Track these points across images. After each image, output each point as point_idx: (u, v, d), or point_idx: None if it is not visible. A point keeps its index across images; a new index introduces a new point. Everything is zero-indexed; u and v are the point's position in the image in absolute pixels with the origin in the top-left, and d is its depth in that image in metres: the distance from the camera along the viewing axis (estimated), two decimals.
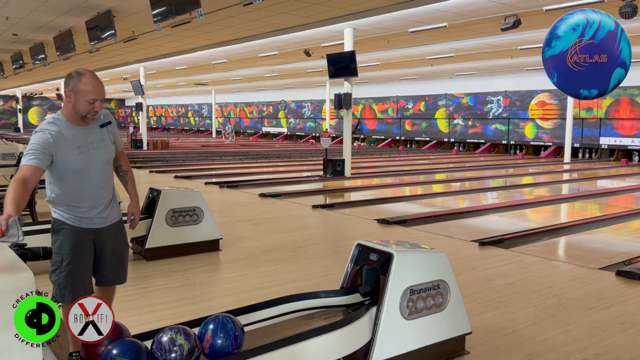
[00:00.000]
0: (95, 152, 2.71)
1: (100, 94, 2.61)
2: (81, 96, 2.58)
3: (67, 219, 2.74)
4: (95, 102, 2.60)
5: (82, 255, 2.73)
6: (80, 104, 2.60)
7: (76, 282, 2.71)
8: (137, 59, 20.23)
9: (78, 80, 2.58)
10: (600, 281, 4.80)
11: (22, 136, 33.58)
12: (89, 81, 2.58)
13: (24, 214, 7.36)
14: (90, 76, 2.61)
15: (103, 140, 2.75)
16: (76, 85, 2.58)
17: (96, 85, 2.60)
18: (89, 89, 2.58)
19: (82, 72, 2.62)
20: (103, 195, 2.80)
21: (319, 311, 3.07)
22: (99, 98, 2.61)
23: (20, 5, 11.30)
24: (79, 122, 2.67)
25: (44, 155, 2.55)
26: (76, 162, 2.65)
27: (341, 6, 10.84)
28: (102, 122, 2.77)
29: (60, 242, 2.73)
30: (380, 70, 22.86)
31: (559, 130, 21.42)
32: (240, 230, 6.84)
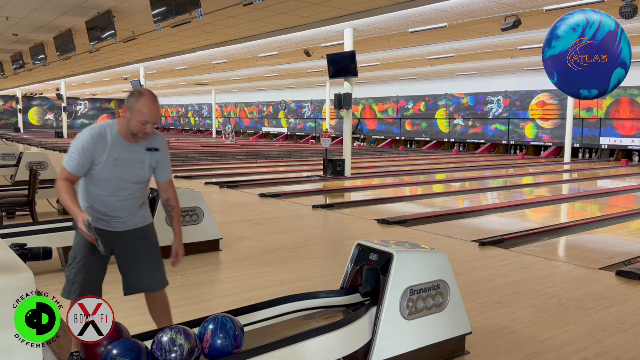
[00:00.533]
0: (128, 169, 2.75)
1: (153, 118, 2.67)
2: (135, 115, 2.65)
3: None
4: (147, 123, 2.67)
5: (94, 254, 2.75)
6: (133, 122, 2.66)
7: (82, 282, 2.74)
8: (137, 59, 20.23)
9: (137, 100, 2.66)
10: (600, 281, 4.80)
11: (22, 136, 33.59)
12: (145, 103, 2.65)
13: (24, 214, 7.36)
14: (149, 98, 2.67)
15: (142, 162, 2.79)
16: (134, 104, 2.65)
17: (152, 108, 2.66)
18: (144, 110, 2.64)
19: (143, 92, 2.69)
20: (124, 210, 2.83)
21: (319, 311, 3.06)
22: (152, 121, 2.67)
23: (20, 5, 11.30)
24: (128, 138, 2.73)
25: (85, 161, 2.66)
26: (106, 171, 2.70)
27: (341, 6, 10.84)
28: (150, 145, 2.80)
29: (77, 239, 2.79)
30: (380, 70, 22.86)
31: (559, 130, 21.42)
32: (240, 230, 6.84)
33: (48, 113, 48.16)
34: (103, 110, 51.72)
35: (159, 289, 2.96)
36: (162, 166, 2.87)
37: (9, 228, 4.93)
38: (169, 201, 2.97)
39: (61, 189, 2.61)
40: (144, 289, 2.93)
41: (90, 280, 2.78)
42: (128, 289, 2.91)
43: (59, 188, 2.63)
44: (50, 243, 4.71)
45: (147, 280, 2.91)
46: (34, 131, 42.80)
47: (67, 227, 5.07)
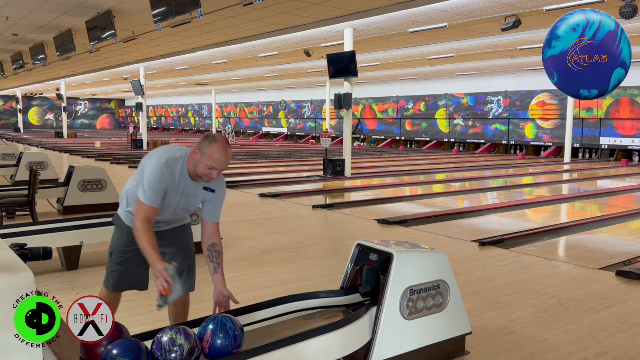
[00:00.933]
0: (185, 201, 2.85)
1: (220, 165, 2.69)
2: (204, 159, 2.67)
3: (125, 219, 2.91)
4: (213, 169, 2.68)
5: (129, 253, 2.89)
6: (200, 165, 2.68)
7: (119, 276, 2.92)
8: (137, 59, 20.23)
9: (209, 144, 2.67)
10: (600, 281, 4.80)
11: (22, 136, 33.59)
12: (216, 149, 2.65)
13: (24, 214, 7.36)
14: (220, 146, 2.67)
15: (197, 197, 2.86)
16: (205, 148, 2.67)
17: (221, 156, 2.67)
18: (214, 156, 2.66)
19: (216, 138, 2.70)
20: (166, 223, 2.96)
21: (319, 311, 3.06)
22: (219, 168, 2.69)
23: (20, 5, 11.30)
24: (194, 177, 2.78)
25: (161, 193, 2.72)
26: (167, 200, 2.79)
27: (341, 6, 10.84)
28: (208, 185, 2.84)
29: (114, 235, 2.96)
30: (380, 70, 22.86)
31: (559, 130, 21.42)
32: (240, 230, 6.84)
33: (48, 113, 48.17)
34: (103, 110, 51.75)
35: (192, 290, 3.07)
36: (214, 206, 2.91)
37: (9, 228, 4.93)
38: (215, 247, 2.93)
39: (142, 231, 2.63)
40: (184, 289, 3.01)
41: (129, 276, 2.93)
42: None
43: (139, 230, 2.64)
44: (50, 243, 4.71)
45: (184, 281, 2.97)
46: (34, 131, 42.80)
47: (67, 227, 5.08)
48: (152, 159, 2.73)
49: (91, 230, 5.08)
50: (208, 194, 2.85)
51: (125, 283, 2.95)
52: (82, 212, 7.29)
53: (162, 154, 2.74)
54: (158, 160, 2.71)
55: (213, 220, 2.92)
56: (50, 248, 2.49)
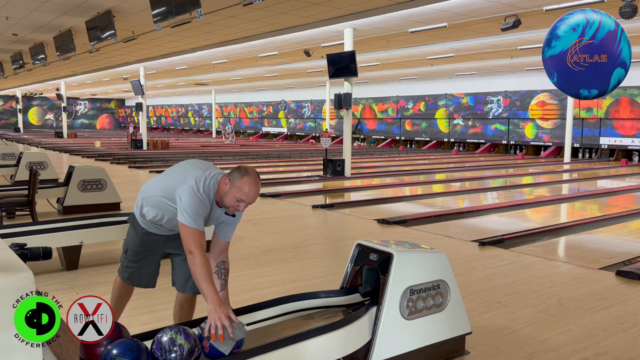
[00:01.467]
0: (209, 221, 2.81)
1: (250, 199, 2.65)
2: (234, 191, 2.63)
3: (140, 221, 2.95)
4: (242, 202, 2.65)
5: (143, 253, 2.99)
6: (229, 196, 2.64)
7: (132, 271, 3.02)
8: (137, 59, 20.23)
9: (240, 177, 2.64)
10: (600, 281, 4.80)
11: (22, 136, 33.59)
12: (247, 182, 2.63)
13: (24, 214, 7.36)
14: (252, 179, 2.65)
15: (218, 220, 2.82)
16: (236, 180, 2.63)
17: (252, 189, 2.64)
18: (245, 189, 2.62)
19: (249, 172, 2.67)
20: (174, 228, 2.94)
21: (319, 311, 3.06)
22: (248, 201, 2.66)
23: (20, 5, 11.30)
24: (220, 205, 2.74)
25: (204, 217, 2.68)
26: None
27: (341, 6, 10.84)
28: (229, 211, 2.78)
29: (129, 233, 3.03)
30: (380, 70, 22.86)
31: (559, 130, 21.42)
32: (240, 230, 6.83)
33: (48, 113, 48.16)
34: (103, 110, 51.75)
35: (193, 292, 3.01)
36: (230, 227, 2.86)
37: (9, 228, 4.93)
38: (224, 264, 2.86)
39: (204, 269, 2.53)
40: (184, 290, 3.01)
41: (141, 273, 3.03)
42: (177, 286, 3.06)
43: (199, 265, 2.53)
44: (50, 243, 4.71)
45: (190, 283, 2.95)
46: (34, 131, 42.80)
47: (67, 227, 5.07)
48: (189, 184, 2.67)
49: (91, 230, 5.07)
50: (228, 217, 2.81)
51: (138, 279, 3.04)
52: (82, 212, 7.30)
53: (199, 178, 2.69)
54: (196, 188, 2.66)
55: (226, 240, 2.86)
56: (50, 248, 2.49)
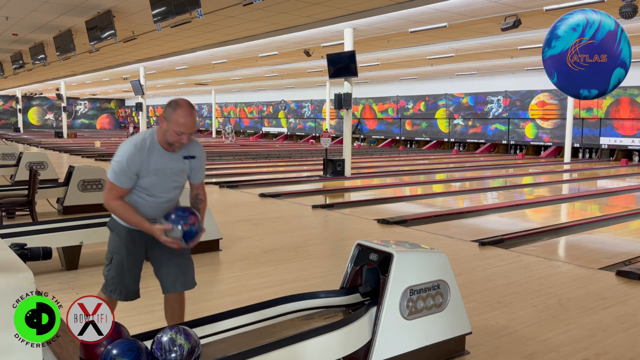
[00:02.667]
0: (168, 178, 2.84)
1: (189, 129, 2.72)
2: (172, 126, 2.69)
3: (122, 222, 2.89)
4: (182, 134, 2.72)
5: (129, 257, 2.89)
6: (169, 132, 2.71)
7: (120, 283, 2.89)
8: (137, 59, 20.23)
9: (173, 111, 2.70)
10: (600, 281, 4.80)
11: (22, 136, 33.59)
12: (181, 114, 2.69)
13: (24, 214, 7.36)
14: (185, 110, 2.71)
15: (182, 170, 2.88)
16: (170, 114, 2.70)
17: (187, 120, 2.70)
18: (180, 121, 2.69)
19: (180, 104, 2.73)
20: (160, 212, 2.90)
21: (319, 311, 3.06)
22: (187, 132, 2.72)
23: (20, 5, 11.30)
24: (166, 147, 2.79)
25: (131, 174, 2.73)
26: (148, 181, 2.79)
27: (341, 6, 10.84)
28: (187, 154, 2.87)
29: (112, 240, 2.93)
30: (380, 70, 22.86)
31: (559, 130, 21.43)
32: (240, 230, 6.84)
33: (48, 113, 48.16)
34: (103, 110, 51.73)
35: (191, 287, 3.05)
36: (198, 171, 2.97)
37: (9, 228, 4.93)
38: (198, 195, 3.03)
39: (121, 209, 2.72)
40: (174, 289, 2.99)
41: (125, 280, 2.90)
42: (164, 288, 3.01)
43: (116, 209, 2.73)
44: (50, 243, 4.71)
45: (180, 279, 2.99)
46: (34, 131, 42.80)
47: (67, 227, 5.07)
48: (125, 144, 2.77)
49: (91, 230, 5.07)
50: (191, 161, 2.88)
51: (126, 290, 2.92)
52: (82, 212, 7.29)
53: (134, 138, 2.79)
54: (129, 144, 2.75)
55: (198, 182, 3.00)
56: (50, 248, 2.49)
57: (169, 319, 3.08)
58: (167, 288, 2.98)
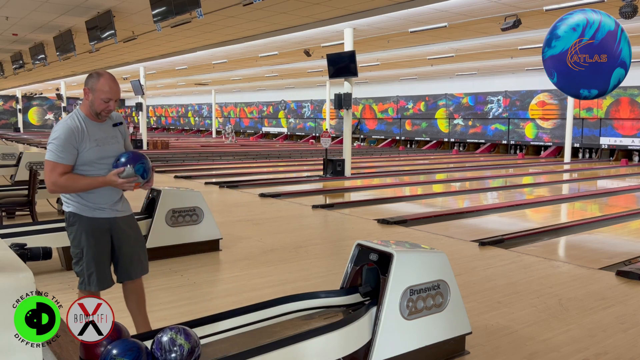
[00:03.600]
0: (109, 147, 2.93)
1: (114, 94, 2.85)
2: (98, 95, 2.82)
3: (82, 210, 2.91)
4: (109, 101, 2.85)
5: (99, 245, 2.93)
6: (96, 102, 2.84)
7: (97, 271, 2.92)
8: (137, 59, 20.24)
9: (97, 80, 2.83)
10: (600, 281, 4.80)
11: (22, 136, 33.59)
12: (105, 82, 2.83)
13: (24, 214, 7.36)
14: (108, 77, 2.85)
15: (115, 137, 2.99)
16: (94, 84, 2.83)
17: (112, 86, 2.84)
18: (106, 89, 2.82)
19: (101, 73, 2.87)
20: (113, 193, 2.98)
21: (319, 311, 3.06)
22: (113, 98, 2.85)
23: (20, 5, 11.30)
24: (95, 119, 2.91)
25: (72, 150, 2.81)
26: (92, 153, 2.87)
27: (341, 6, 10.84)
28: (114, 122, 3.01)
29: (76, 234, 2.92)
30: (380, 70, 22.85)
31: (559, 130, 21.42)
32: (240, 230, 6.84)
33: (48, 113, 48.14)
34: None
35: (145, 273, 3.14)
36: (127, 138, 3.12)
37: (9, 228, 4.93)
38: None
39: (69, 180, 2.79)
40: (134, 276, 3.07)
41: (103, 270, 2.94)
42: (121, 276, 3.06)
43: (65, 183, 2.78)
44: (50, 243, 4.71)
45: (138, 267, 3.08)
46: (34, 131, 42.79)
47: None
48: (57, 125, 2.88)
49: None
50: (120, 127, 3.03)
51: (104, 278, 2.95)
52: None
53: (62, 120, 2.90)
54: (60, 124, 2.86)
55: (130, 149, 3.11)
56: (50, 248, 2.49)
57: (134, 306, 3.13)
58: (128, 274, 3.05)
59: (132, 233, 3.07)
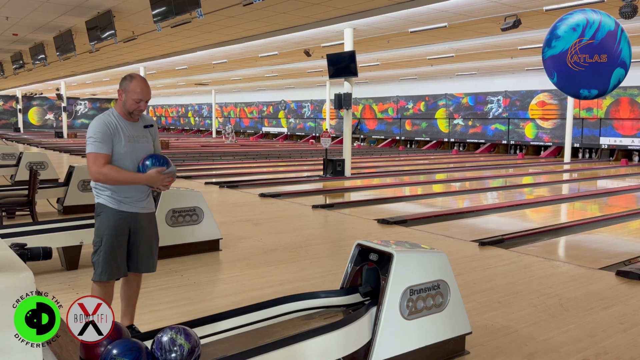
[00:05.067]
0: (140, 144, 3.14)
1: (145, 96, 3.08)
2: (130, 95, 3.05)
3: (109, 202, 3.09)
4: (140, 101, 3.07)
5: (118, 237, 3.09)
6: (129, 102, 3.07)
7: (111, 262, 3.08)
8: (137, 59, 20.23)
9: (129, 83, 3.06)
10: (600, 281, 4.80)
11: (22, 136, 33.59)
12: (137, 84, 3.06)
13: (24, 214, 7.36)
14: (139, 80, 3.08)
15: (146, 137, 3.21)
16: (127, 86, 3.06)
17: (143, 87, 3.08)
18: (137, 90, 3.06)
19: (134, 76, 3.10)
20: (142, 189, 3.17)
21: (319, 311, 3.06)
22: (144, 99, 3.08)
23: (20, 5, 11.30)
24: (128, 118, 3.13)
25: (109, 141, 3.02)
26: (124, 147, 3.06)
27: (341, 6, 10.84)
28: (146, 123, 3.24)
29: (101, 222, 3.11)
30: (380, 70, 22.85)
31: (559, 130, 21.43)
32: (240, 230, 6.84)
33: (48, 113, 48.14)
34: (103, 110, 51.50)
35: (153, 270, 3.30)
36: (156, 139, 3.33)
37: (9, 228, 4.94)
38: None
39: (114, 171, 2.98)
40: (143, 270, 3.25)
41: (116, 262, 3.10)
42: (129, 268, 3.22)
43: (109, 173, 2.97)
44: (50, 243, 4.71)
45: (148, 263, 3.25)
46: (34, 131, 42.79)
47: (67, 227, 5.07)
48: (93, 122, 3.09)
49: (91, 230, 5.00)
50: (150, 129, 3.25)
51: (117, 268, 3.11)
52: (82, 212, 7.29)
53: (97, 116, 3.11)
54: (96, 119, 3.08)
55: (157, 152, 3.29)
56: (50, 248, 2.49)
57: (126, 299, 3.32)
58: (137, 269, 3.22)
59: (150, 230, 3.24)
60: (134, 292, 3.35)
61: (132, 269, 3.21)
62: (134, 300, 3.36)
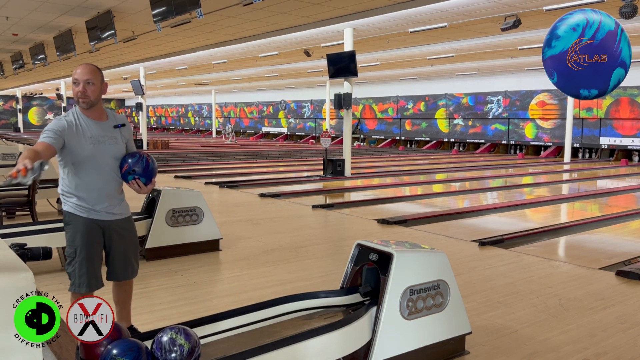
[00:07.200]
0: (105, 146, 2.89)
1: (81, 75, 2.78)
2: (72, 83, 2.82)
3: (77, 210, 2.91)
4: (77, 83, 2.79)
5: (93, 246, 2.93)
6: (73, 91, 2.82)
7: (89, 272, 2.91)
8: (137, 59, 20.23)
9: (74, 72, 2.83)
10: (600, 281, 4.80)
11: (22, 136, 33.57)
12: (76, 70, 2.82)
13: (24, 214, 7.36)
14: (80, 65, 2.83)
15: (115, 138, 2.95)
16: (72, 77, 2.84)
17: (80, 69, 2.81)
18: (75, 73, 2.81)
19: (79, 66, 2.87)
20: (111, 188, 2.96)
21: (319, 311, 3.06)
22: (81, 79, 2.78)
23: (20, 5, 11.30)
24: (93, 116, 2.90)
25: (58, 137, 2.75)
26: (86, 150, 2.83)
27: (341, 6, 10.84)
28: (117, 122, 2.99)
29: (72, 233, 2.92)
30: (380, 70, 22.85)
31: (559, 130, 21.42)
32: (240, 230, 6.84)
33: (48, 113, 48.13)
34: None
35: (133, 277, 3.18)
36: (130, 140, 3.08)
37: (9, 228, 4.93)
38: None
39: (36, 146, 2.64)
40: (122, 278, 3.11)
41: (94, 271, 2.94)
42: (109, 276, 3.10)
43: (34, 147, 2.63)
44: (50, 243, 4.71)
45: (127, 270, 3.11)
46: (34, 131, 42.76)
47: None
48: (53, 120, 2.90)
49: None
50: (121, 129, 2.99)
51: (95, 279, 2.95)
52: None
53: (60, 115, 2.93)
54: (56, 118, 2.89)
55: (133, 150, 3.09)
56: (50, 248, 2.49)
57: (121, 303, 3.22)
58: (116, 277, 3.09)
59: (126, 235, 3.08)
60: (127, 294, 3.25)
61: (111, 277, 3.09)
62: (128, 303, 3.27)
